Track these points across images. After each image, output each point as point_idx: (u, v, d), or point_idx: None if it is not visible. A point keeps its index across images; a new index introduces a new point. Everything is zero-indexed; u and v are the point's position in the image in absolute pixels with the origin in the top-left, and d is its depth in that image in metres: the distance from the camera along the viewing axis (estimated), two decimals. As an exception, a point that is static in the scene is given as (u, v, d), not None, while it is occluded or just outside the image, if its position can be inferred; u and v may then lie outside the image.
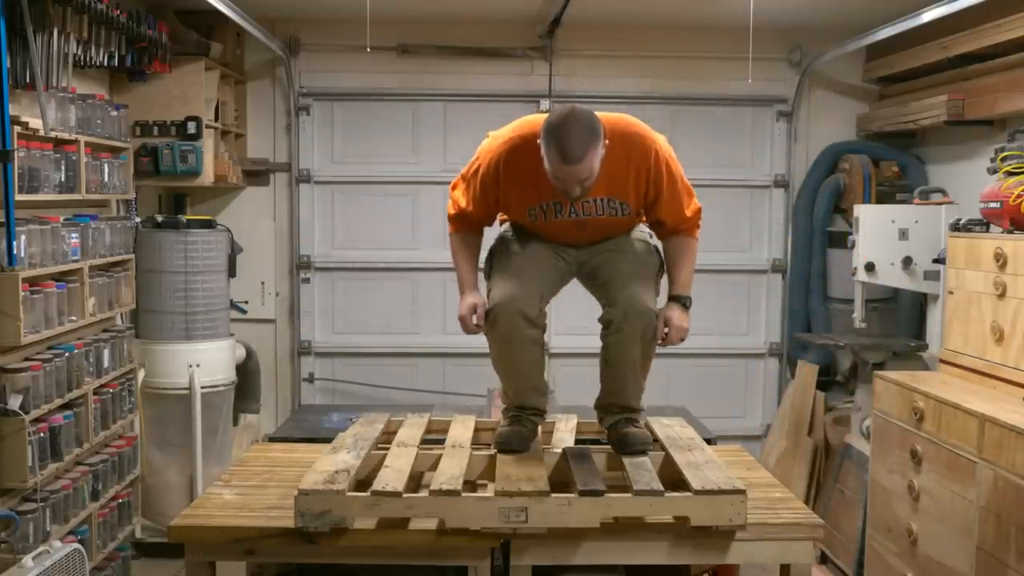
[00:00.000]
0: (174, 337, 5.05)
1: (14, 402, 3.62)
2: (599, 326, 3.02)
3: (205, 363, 5.09)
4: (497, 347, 3.00)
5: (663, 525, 2.69)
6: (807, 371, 5.99)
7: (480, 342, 3.07)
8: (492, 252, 3.12)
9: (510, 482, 2.71)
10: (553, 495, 2.64)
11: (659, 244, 3.12)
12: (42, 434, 3.80)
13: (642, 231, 3.13)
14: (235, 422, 5.69)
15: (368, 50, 5.20)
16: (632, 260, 3.03)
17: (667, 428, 3.30)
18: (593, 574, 2.75)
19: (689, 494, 2.66)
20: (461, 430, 3.34)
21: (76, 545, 3.38)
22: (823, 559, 5.14)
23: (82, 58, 4.25)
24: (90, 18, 4.18)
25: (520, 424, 3.08)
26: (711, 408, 5.83)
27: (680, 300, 3.02)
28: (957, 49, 5.12)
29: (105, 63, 4.45)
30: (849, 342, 5.30)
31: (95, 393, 4.32)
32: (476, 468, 2.99)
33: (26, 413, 3.66)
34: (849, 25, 5.70)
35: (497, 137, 2.98)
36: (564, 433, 3.35)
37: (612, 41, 6.22)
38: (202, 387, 5.07)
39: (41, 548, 3.23)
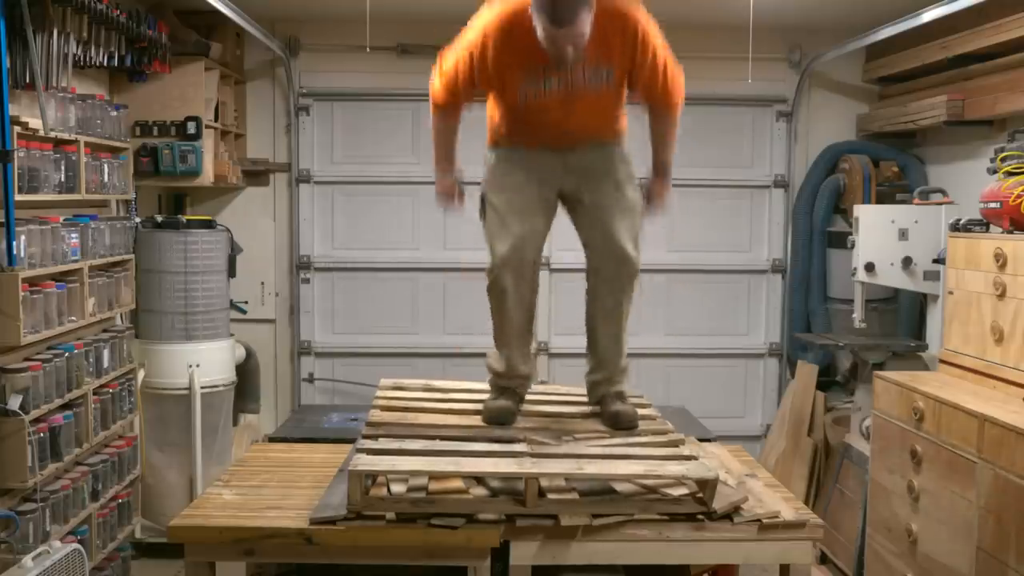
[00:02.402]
0: (174, 337, 5.05)
1: (14, 402, 3.62)
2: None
3: (205, 363, 5.09)
4: (496, 300, 3.14)
5: (662, 523, 2.70)
6: (807, 371, 5.98)
7: (480, 343, 3.07)
8: (484, 197, 3.22)
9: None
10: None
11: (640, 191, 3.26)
12: (42, 434, 3.80)
13: (629, 167, 3.25)
14: (235, 422, 5.69)
15: (368, 50, 5.20)
16: (618, 200, 3.17)
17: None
18: (593, 574, 2.75)
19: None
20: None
21: (76, 545, 3.39)
22: (823, 559, 5.13)
23: (82, 58, 4.25)
24: (90, 18, 4.18)
25: (506, 397, 3.21)
26: (711, 408, 5.82)
27: (662, 170, 3.26)
28: (957, 49, 5.11)
29: (105, 63, 4.45)
30: (849, 342, 5.30)
31: (95, 393, 4.31)
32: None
33: (26, 413, 3.65)
34: (849, 25, 5.69)
35: (492, 10, 3.03)
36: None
37: (612, 41, 6.20)
38: (202, 387, 5.07)
39: (41, 548, 3.23)
